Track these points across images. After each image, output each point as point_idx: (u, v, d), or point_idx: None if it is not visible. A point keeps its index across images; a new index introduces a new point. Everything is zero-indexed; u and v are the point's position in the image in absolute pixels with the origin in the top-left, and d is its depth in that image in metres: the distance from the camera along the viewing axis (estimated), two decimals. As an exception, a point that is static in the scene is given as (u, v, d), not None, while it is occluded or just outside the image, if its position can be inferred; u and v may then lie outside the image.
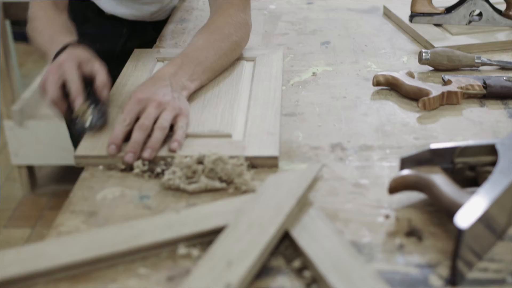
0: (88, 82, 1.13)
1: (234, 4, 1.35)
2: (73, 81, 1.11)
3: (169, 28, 1.59)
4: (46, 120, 2.63)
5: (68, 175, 2.85)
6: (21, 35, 2.76)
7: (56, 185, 2.82)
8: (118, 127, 1.04)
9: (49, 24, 1.34)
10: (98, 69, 1.14)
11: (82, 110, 1.08)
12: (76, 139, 1.08)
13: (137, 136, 1.02)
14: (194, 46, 1.26)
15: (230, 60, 1.32)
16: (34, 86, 2.80)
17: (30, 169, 2.77)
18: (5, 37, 2.56)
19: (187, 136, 1.06)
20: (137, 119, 1.06)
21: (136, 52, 1.41)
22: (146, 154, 1.00)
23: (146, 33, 1.72)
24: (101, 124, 1.08)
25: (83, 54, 1.18)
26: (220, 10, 1.35)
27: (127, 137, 1.04)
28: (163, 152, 1.02)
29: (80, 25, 1.69)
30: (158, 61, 1.36)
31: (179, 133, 1.04)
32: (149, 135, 1.03)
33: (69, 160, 2.60)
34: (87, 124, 1.06)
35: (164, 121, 1.05)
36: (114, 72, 1.34)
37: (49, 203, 2.70)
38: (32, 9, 1.38)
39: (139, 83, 1.18)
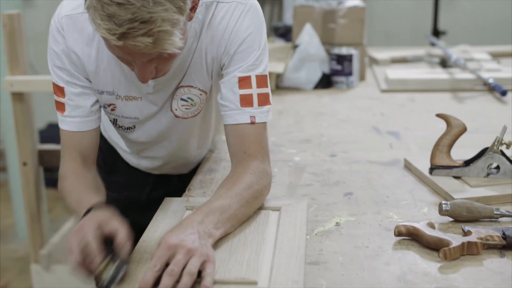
0: (110, 241, 1.17)
1: (252, 156, 1.41)
2: (91, 243, 1.15)
3: (198, 178, 1.65)
4: (73, 265, 2.66)
5: (90, 321, 2.83)
6: (51, 181, 2.85)
7: (77, 331, 2.80)
8: (148, 273, 1.08)
9: (77, 184, 1.41)
10: (118, 228, 1.18)
11: (101, 269, 1.12)
12: None
13: (167, 281, 1.05)
14: (218, 195, 1.31)
15: (253, 208, 1.36)
16: (62, 231, 2.86)
17: (53, 314, 2.76)
18: (39, 184, 2.65)
19: (215, 282, 1.09)
20: (166, 264, 1.09)
21: (167, 200, 1.47)
22: (175, 299, 1.03)
23: (171, 183, 1.79)
24: (119, 280, 1.11)
25: (104, 215, 1.22)
26: (240, 163, 1.41)
27: (157, 282, 1.07)
28: (191, 298, 1.05)
29: (109, 174, 1.78)
30: (187, 209, 1.41)
31: (208, 280, 1.08)
32: (177, 281, 1.06)
33: (92, 306, 2.59)
34: (105, 282, 1.10)
35: (193, 267, 1.08)
36: (140, 219, 1.39)
37: None
38: (62, 168, 1.45)
39: (169, 230, 1.23)
